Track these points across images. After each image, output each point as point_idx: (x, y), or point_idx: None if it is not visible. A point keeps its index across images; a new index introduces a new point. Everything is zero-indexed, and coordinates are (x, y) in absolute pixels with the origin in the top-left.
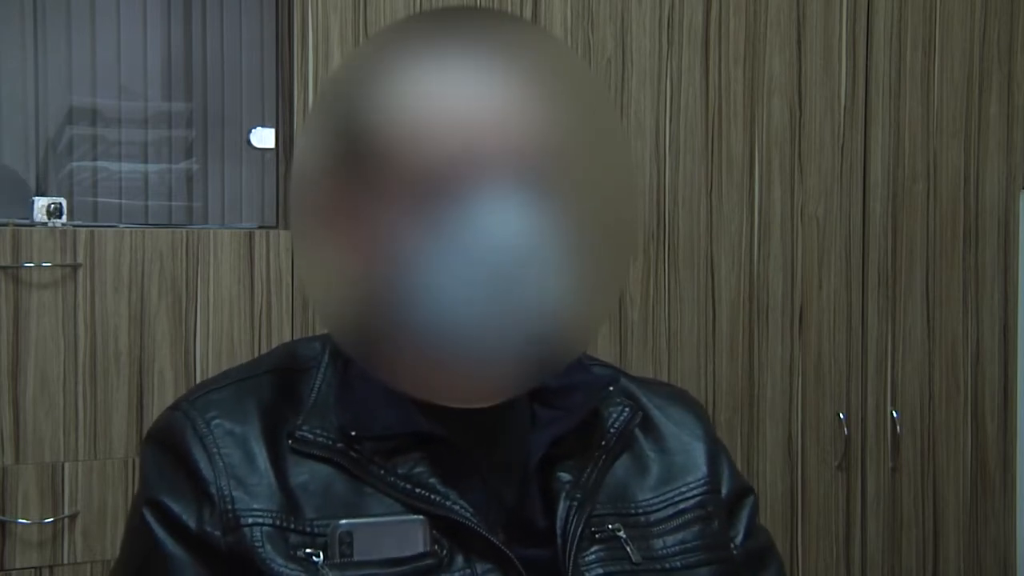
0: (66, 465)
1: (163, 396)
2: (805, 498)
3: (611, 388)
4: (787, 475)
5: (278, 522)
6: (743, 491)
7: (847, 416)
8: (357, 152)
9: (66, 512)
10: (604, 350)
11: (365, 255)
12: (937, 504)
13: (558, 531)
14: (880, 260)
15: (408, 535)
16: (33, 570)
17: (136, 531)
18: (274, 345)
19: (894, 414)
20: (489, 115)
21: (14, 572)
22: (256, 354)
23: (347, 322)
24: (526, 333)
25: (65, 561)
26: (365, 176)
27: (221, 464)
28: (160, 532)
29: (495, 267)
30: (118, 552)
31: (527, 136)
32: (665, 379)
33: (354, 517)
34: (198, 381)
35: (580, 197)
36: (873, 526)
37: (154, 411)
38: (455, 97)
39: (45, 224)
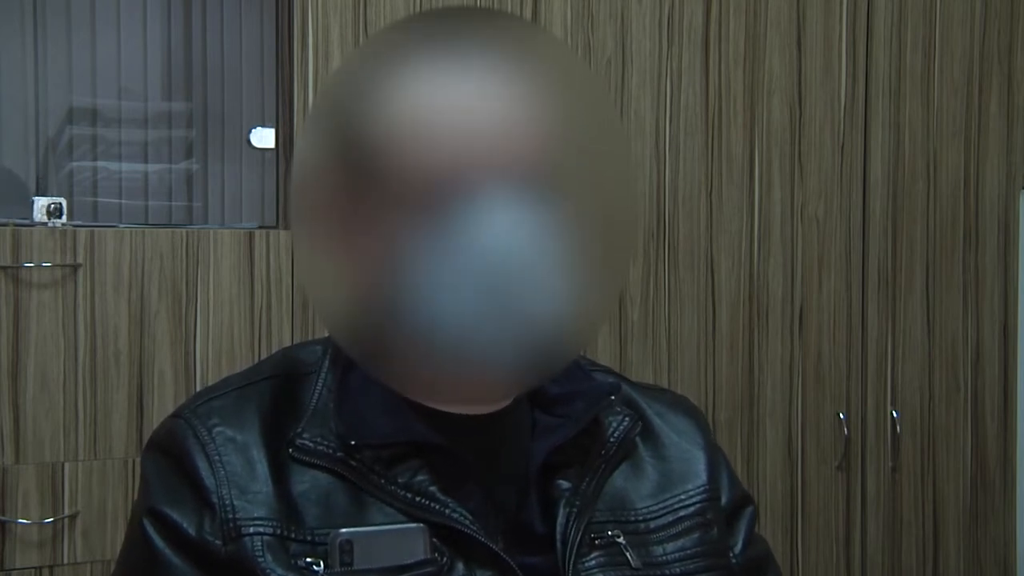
0: (66, 465)
1: (163, 396)
2: (805, 498)
3: (612, 398)
4: (787, 475)
5: (279, 531)
6: (742, 500)
7: (847, 416)
8: (357, 155)
9: (66, 512)
10: (604, 350)
11: (365, 256)
12: (937, 504)
13: (558, 538)
14: (880, 260)
15: (408, 543)
16: (33, 570)
17: (136, 541)
18: (274, 345)
19: (894, 414)
20: (489, 118)
21: (14, 572)
22: (256, 354)
23: (347, 323)
24: (525, 335)
25: (65, 561)
26: (364, 179)
27: (223, 472)
28: (160, 543)
29: (494, 269)
30: (118, 556)
31: (528, 139)
32: (665, 379)
33: (354, 526)
34: (198, 381)
35: (581, 200)
36: (873, 526)
37: (154, 411)
38: (455, 100)
39: (45, 224)
